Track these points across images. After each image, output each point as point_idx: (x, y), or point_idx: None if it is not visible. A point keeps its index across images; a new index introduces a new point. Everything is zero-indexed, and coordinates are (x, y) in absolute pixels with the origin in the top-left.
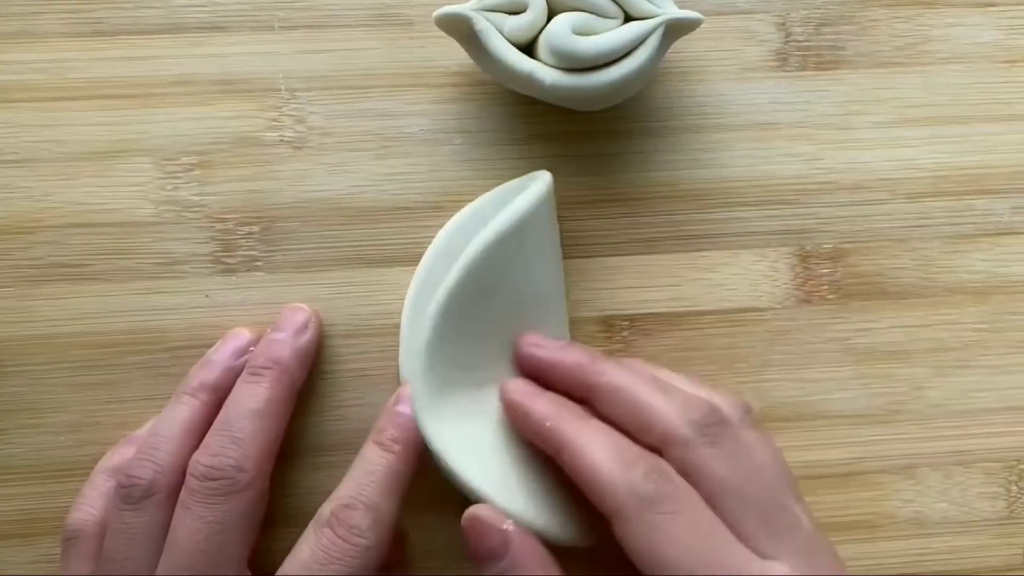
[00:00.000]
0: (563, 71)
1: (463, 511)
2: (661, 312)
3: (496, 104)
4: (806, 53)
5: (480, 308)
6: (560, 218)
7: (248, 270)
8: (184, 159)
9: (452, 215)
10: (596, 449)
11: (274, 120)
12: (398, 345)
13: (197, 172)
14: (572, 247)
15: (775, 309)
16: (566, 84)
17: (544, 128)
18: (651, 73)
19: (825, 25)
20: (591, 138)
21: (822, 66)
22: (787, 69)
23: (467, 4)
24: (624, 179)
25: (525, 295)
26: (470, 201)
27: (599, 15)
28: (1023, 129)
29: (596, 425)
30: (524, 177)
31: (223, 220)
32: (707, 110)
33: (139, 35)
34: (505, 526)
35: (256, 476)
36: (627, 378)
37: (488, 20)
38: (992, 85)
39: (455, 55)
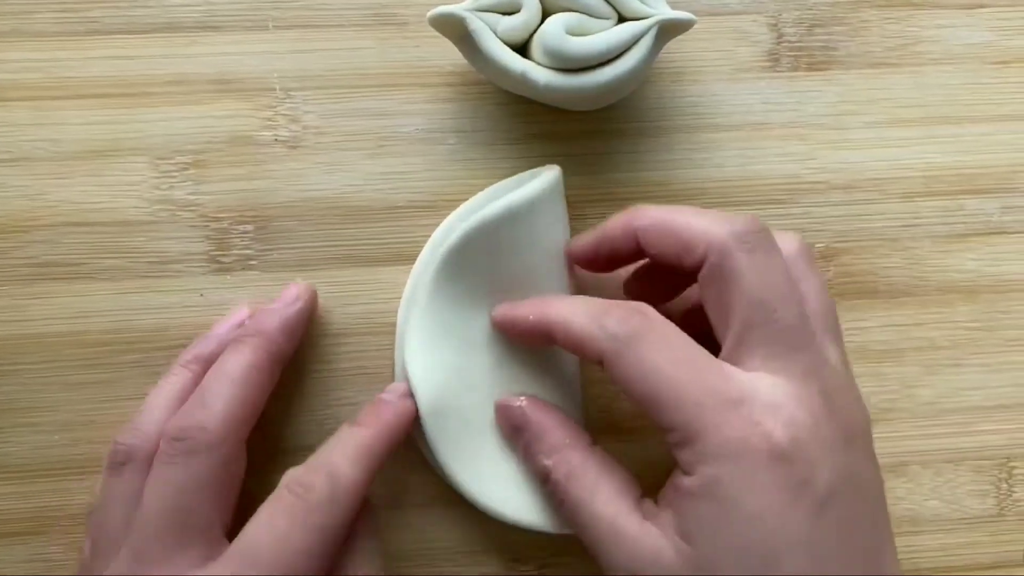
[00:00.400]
0: (557, 71)
1: (454, 510)
2: None
3: (490, 104)
4: (798, 54)
5: (476, 283)
6: None
7: (243, 269)
8: (179, 158)
9: (447, 214)
10: (573, 313)
11: (269, 119)
12: (393, 344)
13: (192, 171)
14: None
15: None
16: (560, 84)
17: (538, 128)
18: (644, 73)
19: (817, 26)
20: (585, 138)
21: (814, 67)
22: (779, 70)
23: (461, 4)
24: (617, 179)
25: (525, 283)
26: (465, 200)
27: (592, 16)
28: (1014, 129)
29: (574, 297)
30: (521, 174)
31: (218, 219)
32: (700, 110)
33: (133, 34)
34: (518, 403)
35: (223, 438)
36: (667, 209)
37: (482, 20)
38: (983, 86)
39: (449, 55)
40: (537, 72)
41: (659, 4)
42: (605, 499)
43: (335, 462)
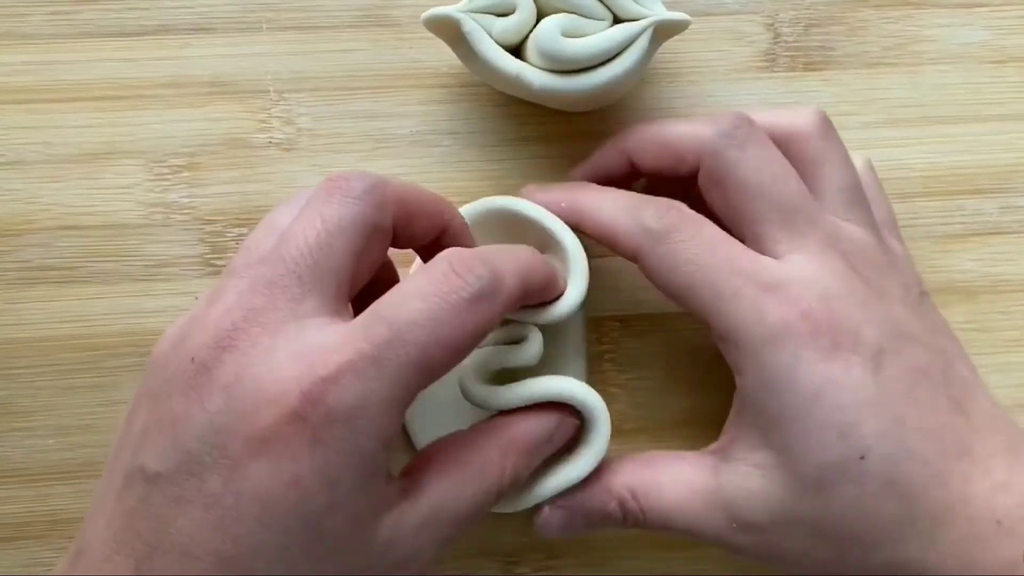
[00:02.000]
0: (551, 73)
1: None
2: (652, 313)
3: (485, 105)
4: (795, 54)
5: None
6: None
7: None
8: (173, 161)
9: None
10: (609, 206)
11: (263, 122)
12: None
13: (186, 174)
14: None
15: None
16: (554, 86)
17: (533, 129)
18: (640, 75)
19: (814, 26)
20: (581, 139)
21: (811, 67)
22: (776, 70)
23: (455, 6)
24: None
25: None
26: (459, 202)
27: (587, 17)
28: (1012, 129)
29: (608, 189)
30: (486, 201)
31: (212, 222)
32: (697, 111)
33: (127, 37)
34: (546, 511)
35: (383, 199)
36: (655, 124)
37: (476, 22)
38: (981, 85)
39: (444, 56)
40: (532, 74)
41: (654, 5)
42: (670, 491)
43: (499, 264)
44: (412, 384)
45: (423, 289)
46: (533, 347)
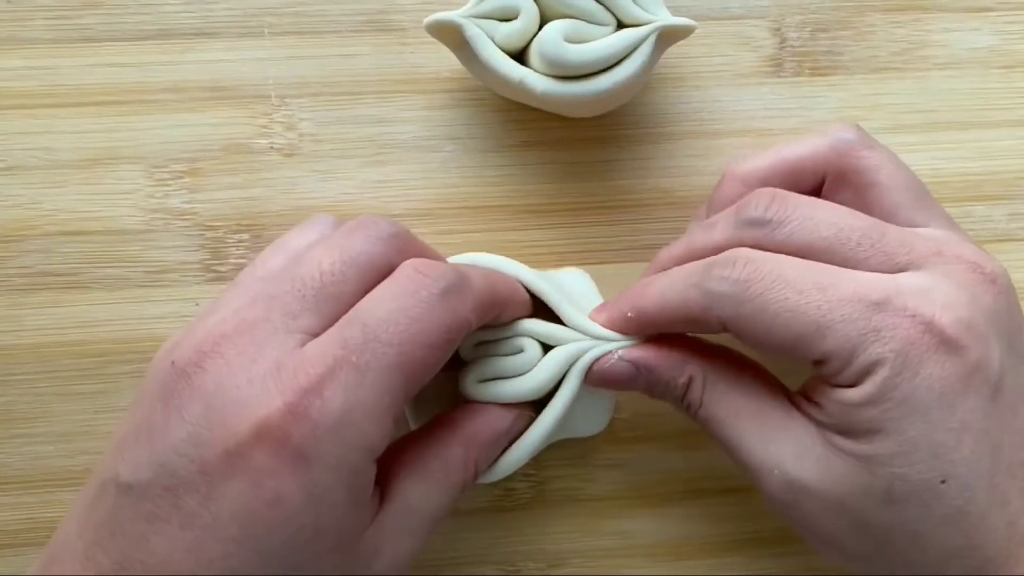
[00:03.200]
0: (555, 78)
1: (452, 520)
2: None
3: (488, 111)
4: (801, 59)
5: None
6: (553, 226)
7: None
8: (174, 166)
9: (444, 222)
10: (670, 290)
11: (264, 127)
12: None
13: (187, 179)
14: (566, 255)
15: None
16: (558, 92)
17: (537, 135)
18: (644, 80)
19: (821, 31)
20: (584, 145)
21: (818, 71)
22: (782, 75)
23: (458, 11)
24: (619, 186)
25: None
26: (460, 207)
27: (591, 22)
28: (1021, 135)
29: (662, 275)
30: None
31: (213, 228)
32: (702, 116)
33: (128, 41)
34: (615, 356)
35: (402, 248)
36: (681, 244)
37: (479, 27)
38: (989, 91)
39: (446, 61)
40: (535, 79)
41: (659, 10)
42: (735, 401)
43: (462, 267)
44: (397, 389)
45: (392, 291)
46: (530, 356)
